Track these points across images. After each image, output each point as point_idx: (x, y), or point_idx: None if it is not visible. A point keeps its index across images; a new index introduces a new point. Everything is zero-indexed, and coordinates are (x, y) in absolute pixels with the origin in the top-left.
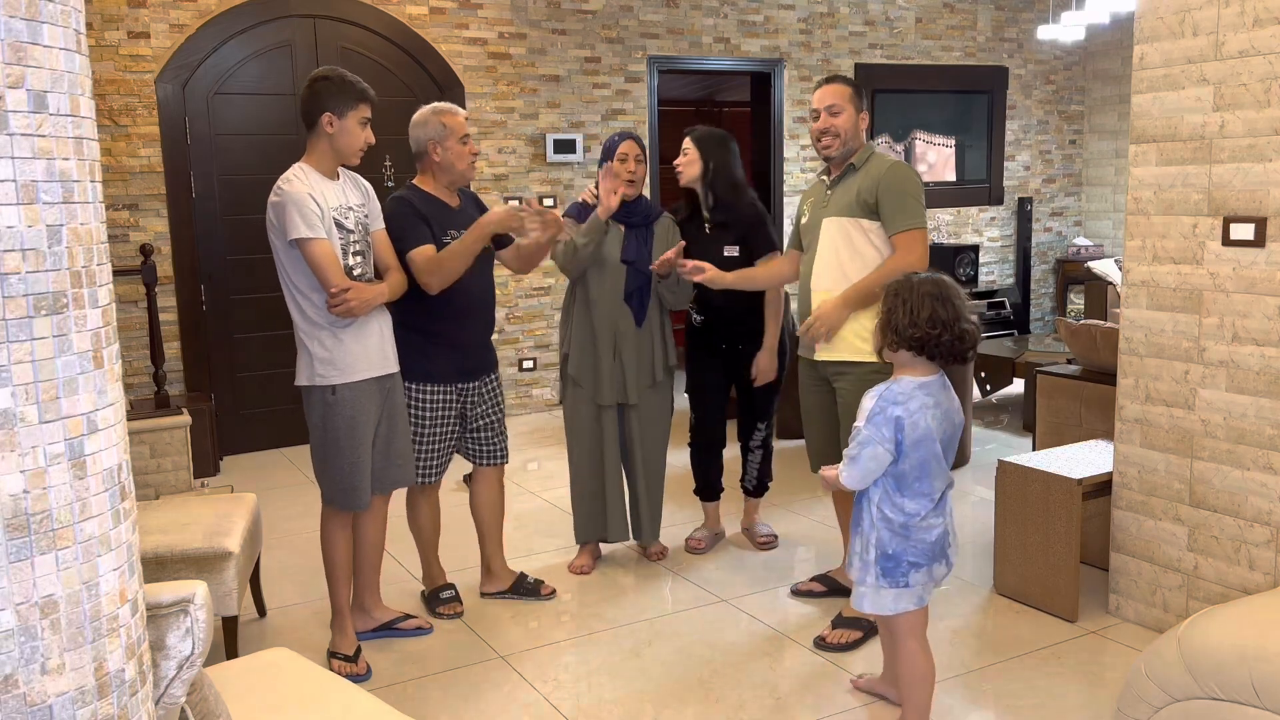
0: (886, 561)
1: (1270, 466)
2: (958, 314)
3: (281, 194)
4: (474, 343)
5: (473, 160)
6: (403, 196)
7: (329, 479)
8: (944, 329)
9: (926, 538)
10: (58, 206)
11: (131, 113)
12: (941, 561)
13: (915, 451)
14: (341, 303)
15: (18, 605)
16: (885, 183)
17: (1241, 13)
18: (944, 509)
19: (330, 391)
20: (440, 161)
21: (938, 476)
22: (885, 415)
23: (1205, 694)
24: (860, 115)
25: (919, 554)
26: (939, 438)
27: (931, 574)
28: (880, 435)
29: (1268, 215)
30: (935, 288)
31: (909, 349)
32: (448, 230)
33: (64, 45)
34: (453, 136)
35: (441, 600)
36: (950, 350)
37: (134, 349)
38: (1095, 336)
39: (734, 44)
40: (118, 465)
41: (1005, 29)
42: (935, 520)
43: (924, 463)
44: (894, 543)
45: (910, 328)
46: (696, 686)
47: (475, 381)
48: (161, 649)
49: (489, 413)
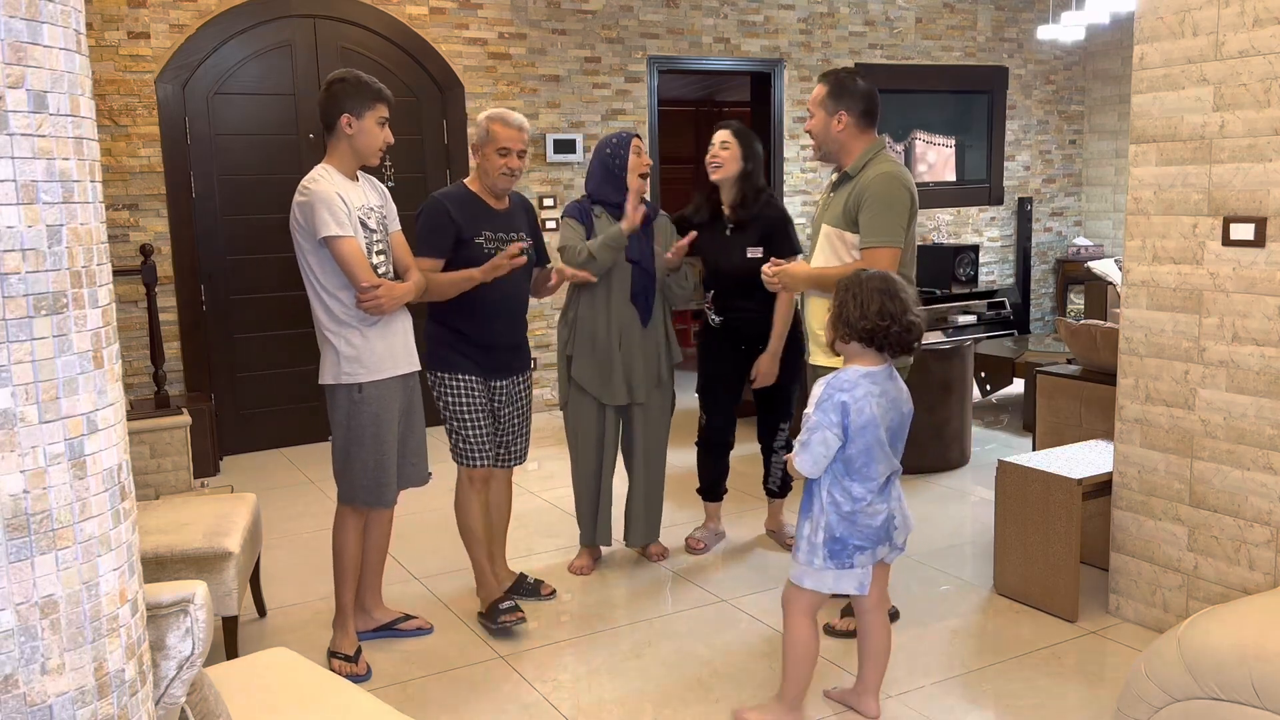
0: (834, 545)
1: (1270, 466)
2: (905, 307)
3: (309, 193)
4: (499, 344)
5: (505, 174)
6: (439, 198)
7: (351, 477)
8: (892, 321)
9: (872, 523)
10: (58, 206)
11: (131, 113)
12: (886, 544)
13: (860, 437)
14: (373, 299)
15: (18, 605)
16: (867, 194)
17: (1241, 13)
18: (889, 494)
19: (357, 390)
20: (479, 165)
21: (882, 462)
22: (832, 401)
23: (1205, 694)
24: (835, 116)
25: (864, 538)
26: (885, 425)
27: (874, 555)
28: (828, 420)
29: (1268, 215)
30: (883, 283)
31: (859, 340)
32: (482, 230)
33: (64, 45)
34: (492, 145)
35: (502, 611)
36: (898, 341)
37: (134, 349)
38: (1095, 336)
39: (734, 44)
40: (118, 465)
41: (1005, 29)
42: (880, 505)
43: (869, 448)
44: (841, 527)
45: (860, 320)
46: (696, 686)
47: (503, 380)
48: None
49: (515, 414)
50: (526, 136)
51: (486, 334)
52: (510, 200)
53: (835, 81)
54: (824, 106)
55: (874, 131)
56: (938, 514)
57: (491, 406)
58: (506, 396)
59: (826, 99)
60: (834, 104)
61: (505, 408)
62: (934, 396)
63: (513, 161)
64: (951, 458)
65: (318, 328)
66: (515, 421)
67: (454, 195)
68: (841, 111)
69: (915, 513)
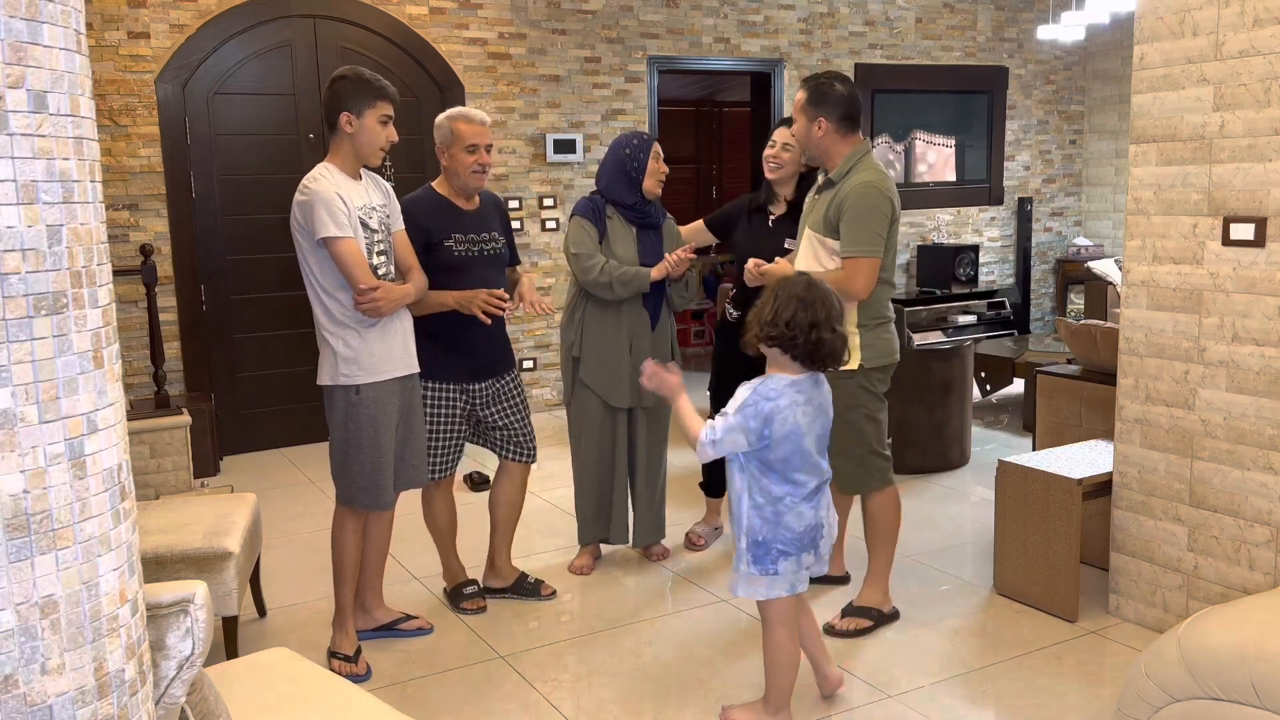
0: (757, 549)
1: (1270, 466)
2: (816, 321)
3: (309, 193)
4: (478, 346)
5: (477, 170)
6: (406, 204)
7: (349, 479)
8: (799, 332)
9: (795, 525)
10: (58, 206)
11: (131, 113)
12: (811, 552)
13: (783, 445)
14: (370, 302)
15: (18, 605)
16: (848, 204)
17: (1241, 13)
18: (817, 501)
19: (354, 391)
20: (447, 166)
21: (805, 469)
22: (756, 409)
23: (1205, 694)
24: (815, 123)
25: (787, 542)
26: (809, 432)
27: (800, 563)
28: (746, 426)
29: (1268, 215)
30: (806, 291)
31: (769, 344)
32: (450, 234)
33: (64, 45)
34: (459, 144)
35: (465, 596)
36: (806, 354)
37: (134, 349)
38: (1095, 336)
39: (734, 44)
40: (118, 465)
41: (1005, 29)
42: (805, 508)
43: (789, 457)
44: (764, 529)
45: (770, 325)
46: (696, 686)
47: (483, 383)
48: (161, 649)
49: (508, 412)
50: (489, 131)
51: (463, 339)
52: (480, 199)
53: (813, 88)
54: (804, 113)
55: (857, 135)
56: (938, 514)
57: (471, 412)
58: (491, 396)
59: (806, 105)
60: (813, 110)
61: (491, 406)
62: (934, 396)
63: (482, 157)
64: (951, 458)
65: (317, 328)
66: (512, 416)
67: (421, 200)
68: (820, 118)
69: (916, 513)
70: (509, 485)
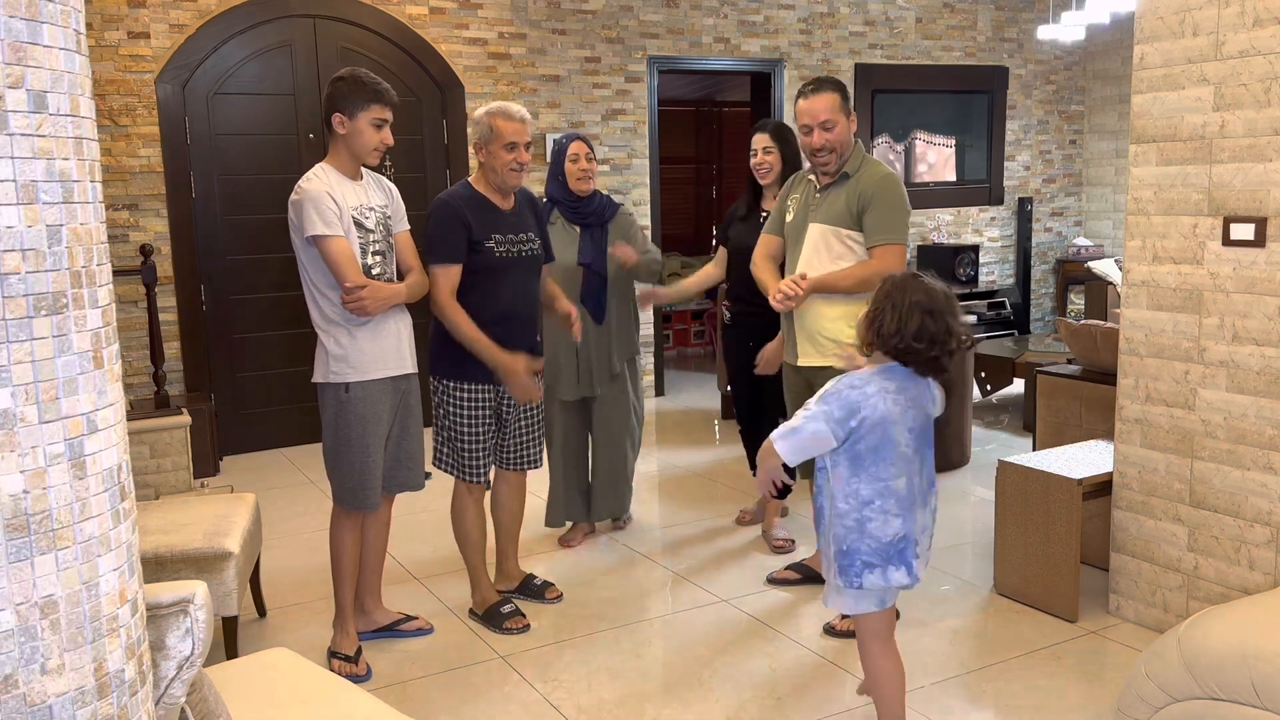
0: (843, 559)
1: (1270, 466)
2: (946, 327)
3: (301, 192)
4: (508, 349)
5: (515, 169)
6: (447, 199)
7: (339, 478)
8: (930, 344)
9: (882, 535)
10: (58, 206)
11: (131, 113)
12: (900, 567)
13: (872, 433)
14: (356, 300)
15: (18, 605)
16: (876, 195)
17: (1241, 13)
18: (908, 507)
19: (344, 389)
20: (485, 163)
21: (895, 464)
22: (841, 396)
23: (1205, 694)
24: (850, 120)
25: (873, 553)
26: (906, 424)
27: (887, 577)
28: (829, 413)
29: (1268, 215)
30: (929, 300)
31: (887, 354)
32: (491, 234)
33: (64, 45)
34: (498, 141)
35: (504, 615)
36: (931, 364)
37: (134, 349)
38: (1095, 336)
39: (734, 44)
40: (118, 465)
41: (1005, 29)
42: (894, 518)
43: (878, 447)
44: (849, 538)
45: (895, 337)
46: (696, 686)
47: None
48: (161, 649)
49: (524, 417)
50: (529, 128)
51: (499, 339)
52: (516, 198)
53: (840, 86)
54: (842, 112)
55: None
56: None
57: (499, 413)
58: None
59: (841, 104)
60: (847, 107)
61: (513, 410)
62: None
63: (521, 155)
64: (952, 458)
65: (313, 325)
66: (526, 425)
67: (464, 197)
68: (852, 115)
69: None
70: (511, 493)
